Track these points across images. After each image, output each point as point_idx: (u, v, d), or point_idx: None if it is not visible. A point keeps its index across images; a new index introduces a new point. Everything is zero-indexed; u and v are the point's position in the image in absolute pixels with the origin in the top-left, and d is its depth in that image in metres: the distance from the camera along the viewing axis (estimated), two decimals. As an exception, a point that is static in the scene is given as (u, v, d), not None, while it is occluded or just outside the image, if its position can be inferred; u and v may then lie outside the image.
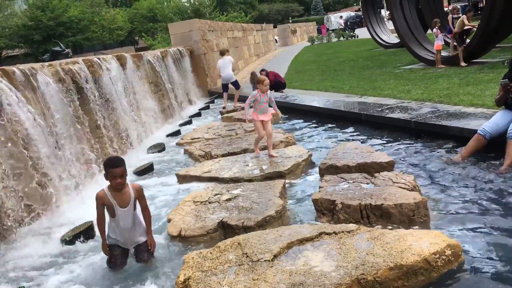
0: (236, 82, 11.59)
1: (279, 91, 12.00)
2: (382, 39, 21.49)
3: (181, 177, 5.81)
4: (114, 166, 3.43)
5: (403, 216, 3.64)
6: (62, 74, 6.27)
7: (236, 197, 4.56)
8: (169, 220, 4.30)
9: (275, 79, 12.07)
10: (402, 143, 6.00)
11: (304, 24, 56.05)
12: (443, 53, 12.49)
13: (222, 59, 11.52)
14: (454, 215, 3.77)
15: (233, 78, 11.54)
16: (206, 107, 12.77)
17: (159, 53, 11.82)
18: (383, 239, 3.06)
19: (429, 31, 15.10)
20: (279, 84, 12.34)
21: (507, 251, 3.11)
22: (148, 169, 6.60)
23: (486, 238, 3.31)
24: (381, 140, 6.34)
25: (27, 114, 4.94)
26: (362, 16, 35.94)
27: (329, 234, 3.28)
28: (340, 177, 4.57)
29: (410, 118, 6.25)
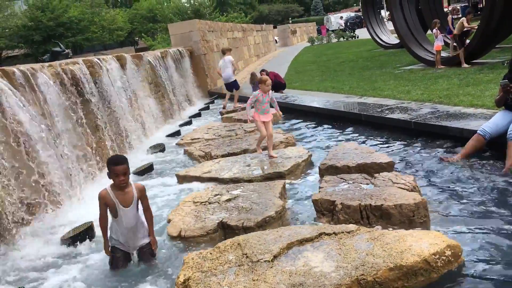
0: (234, 82, 11.55)
1: (279, 92, 12.00)
2: (382, 40, 21.51)
3: (181, 178, 5.82)
4: (117, 163, 3.43)
5: (403, 216, 3.64)
6: (62, 74, 6.27)
7: (236, 198, 4.56)
8: (169, 220, 4.31)
9: (275, 80, 12.04)
10: (402, 144, 6.00)
11: (304, 25, 56.07)
12: (443, 54, 12.50)
13: (222, 59, 11.51)
14: (454, 216, 3.77)
15: (231, 79, 11.50)
16: (206, 108, 12.78)
17: (159, 54, 11.82)
18: (383, 240, 3.06)
19: (429, 32, 15.12)
20: (279, 85, 12.34)
21: (507, 251, 3.11)
22: (148, 169, 6.61)
23: (486, 239, 3.31)
24: (381, 141, 6.34)
25: (26, 115, 4.94)
26: (362, 17, 35.99)
27: (329, 234, 3.28)
28: (340, 178, 4.58)
29: (410, 119, 6.25)
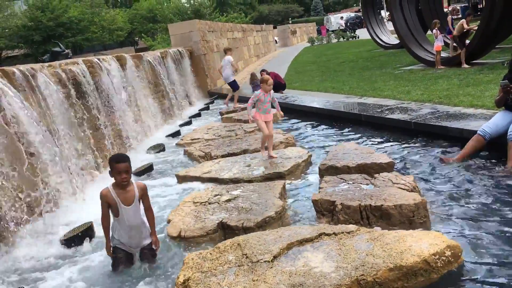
0: (233, 82, 11.56)
1: (279, 92, 12.00)
2: (382, 40, 21.52)
3: (181, 178, 5.81)
4: (120, 161, 3.43)
5: (402, 217, 3.64)
6: (62, 74, 6.27)
7: (236, 198, 4.56)
8: (168, 220, 4.30)
9: (275, 80, 12.02)
10: (402, 144, 6.00)
11: (304, 25, 56.09)
12: (443, 54, 12.51)
13: (224, 59, 11.53)
14: (454, 216, 3.77)
15: (229, 79, 11.54)
16: (206, 108, 12.78)
17: (159, 54, 11.82)
18: (383, 240, 3.06)
19: (429, 32, 15.12)
20: (279, 85, 12.34)
21: (507, 252, 3.11)
22: (148, 169, 6.61)
23: (486, 239, 3.31)
24: (381, 141, 6.34)
25: (26, 115, 4.94)
26: (361, 17, 35.99)
27: (328, 235, 3.28)
28: (340, 178, 4.57)
29: (410, 119, 6.25)
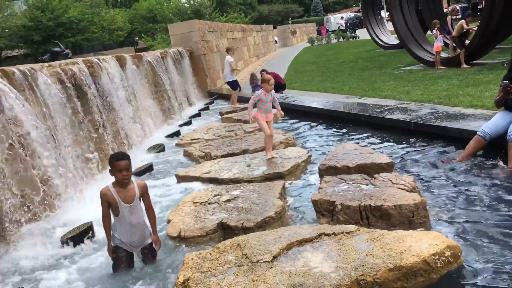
0: (230, 83, 11.59)
1: (279, 92, 12.01)
2: (381, 40, 21.53)
3: (180, 178, 5.82)
4: (120, 158, 3.41)
5: (402, 217, 3.64)
6: (62, 74, 6.27)
7: (235, 198, 4.56)
8: (168, 221, 4.31)
9: (275, 80, 12.04)
10: (402, 144, 6.00)
11: (303, 25, 56.09)
12: (443, 54, 12.51)
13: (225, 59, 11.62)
14: (454, 216, 3.76)
15: (225, 79, 11.59)
16: (206, 108, 12.78)
17: (159, 54, 11.82)
18: (382, 240, 3.06)
19: (428, 33, 15.13)
20: (279, 85, 12.35)
21: (507, 252, 3.11)
22: (147, 169, 6.61)
23: (486, 239, 3.31)
24: (381, 141, 6.34)
25: (26, 114, 4.94)
26: (361, 17, 35.99)
27: (328, 235, 3.28)
28: (340, 178, 4.57)
29: (410, 119, 6.25)
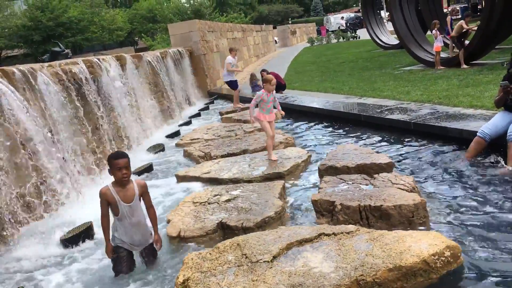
0: (229, 83, 11.61)
1: (278, 92, 12.01)
2: (381, 41, 21.52)
3: (180, 178, 5.82)
4: (119, 157, 3.39)
5: (402, 217, 3.65)
6: (62, 74, 6.27)
7: (235, 198, 4.56)
8: (168, 221, 4.31)
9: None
10: (402, 144, 6.00)
11: (303, 25, 56.11)
12: (443, 55, 12.51)
13: None
14: (454, 217, 3.77)
15: (225, 78, 11.64)
16: (206, 108, 12.77)
17: (159, 54, 11.82)
18: (382, 240, 3.06)
19: (428, 33, 15.13)
20: (279, 86, 12.33)
21: (506, 252, 3.11)
22: (147, 169, 6.62)
23: (486, 240, 3.31)
24: (381, 141, 6.34)
25: (26, 114, 4.94)
26: (361, 17, 35.99)
27: (328, 235, 3.28)
28: (340, 178, 4.57)
29: (410, 119, 6.25)
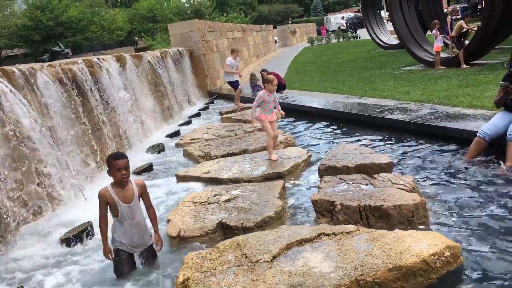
0: (229, 83, 11.68)
1: (279, 92, 12.01)
2: (381, 40, 21.51)
3: (180, 178, 5.81)
4: (118, 158, 3.37)
5: (402, 217, 3.65)
6: (62, 74, 6.27)
7: (235, 198, 4.56)
8: (168, 220, 4.30)
9: (275, 80, 12.09)
10: (402, 144, 6.00)
11: (303, 25, 56.07)
12: (443, 55, 12.51)
13: None
14: (453, 217, 3.77)
15: (225, 79, 11.78)
16: (206, 108, 12.77)
17: (159, 54, 11.82)
18: (382, 240, 3.06)
19: (428, 33, 15.13)
20: (279, 85, 12.30)
21: (506, 252, 3.11)
22: (147, 169, 6.61)
23: (486, 240, 3.31)
24: (381, 141, 6.34)
25: (26, 114, 4.94)
26: (361, 17, 35.97)
27: (328, 235, 3.28)
28: (340, 178, 4.58)
29: (410, 119, 6.26)
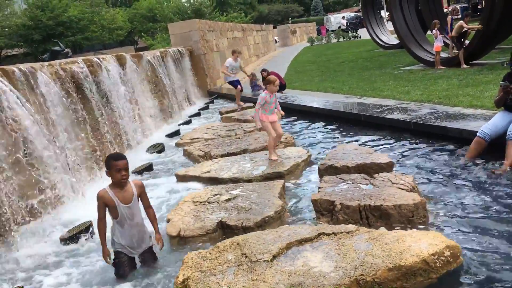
0: (229, 83, 11.70)
1: (279, 92, 11.98)
2: (381, 40, 21.51)
3: (180, 177, 5.81)
4: (118, 158, 3.36)
5: (402, 217, 3.65)
6: (62, 73, 6.27)
7: (235, 198, 4.56)
8: (168, 220, 4.30)
9: (275, 80, 12.11)
10: (402, 144, 6.00)
11: (303, 25, 56.09)
12: (443, 54, 12.51)
13: None
14: (453, 216, 3.77)
15: (225, 79, 11.93)
16: (206, 107, 12.77)
17: (159, 53, 11.81)
18: (382, 240, 3.06)
19: (428, 33, 15.12)
20: (279, 85, 12.33)
21: (506, 252, 3.11)
22: (147, 169, 6.62)
23: (485, 239, 3.31)
24: (381, 141, 6.34)
25: (26, 114, 4.94)
26: (361, 17, 35.95)
27: (328, 234, 3.28)
28: (339, 178, 4.58)
29: (410, 119, 6.25)
